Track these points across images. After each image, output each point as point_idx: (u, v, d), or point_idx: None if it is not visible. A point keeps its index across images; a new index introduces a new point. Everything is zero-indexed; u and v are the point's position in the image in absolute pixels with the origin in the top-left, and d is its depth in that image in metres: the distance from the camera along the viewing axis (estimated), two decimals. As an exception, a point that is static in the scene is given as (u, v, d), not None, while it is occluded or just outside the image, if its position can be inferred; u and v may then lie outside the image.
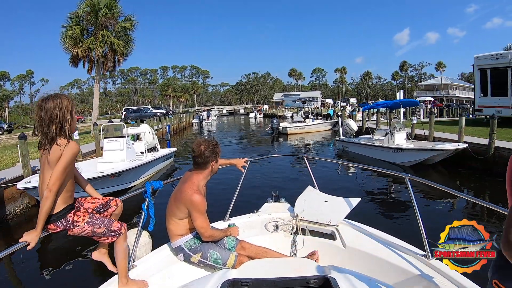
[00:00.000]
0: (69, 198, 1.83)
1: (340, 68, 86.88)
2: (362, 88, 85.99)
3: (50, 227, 1.79)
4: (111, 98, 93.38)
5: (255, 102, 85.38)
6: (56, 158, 1.70)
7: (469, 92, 58.13)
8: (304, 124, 24.02)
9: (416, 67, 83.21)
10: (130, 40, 20.63)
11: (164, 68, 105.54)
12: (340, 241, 2.44)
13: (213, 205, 3.92)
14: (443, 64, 62.33)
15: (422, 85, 64.68)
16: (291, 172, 10.95)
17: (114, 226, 1.93)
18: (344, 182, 9.61)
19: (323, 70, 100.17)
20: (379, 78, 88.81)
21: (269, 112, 55.97)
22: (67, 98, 1.78)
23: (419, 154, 10.23)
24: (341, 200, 2.81)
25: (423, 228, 2.02)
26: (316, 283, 1.41)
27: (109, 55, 19.88)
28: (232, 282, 1.41)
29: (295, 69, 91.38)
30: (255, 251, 2.34)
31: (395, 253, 2.14)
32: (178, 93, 71.04)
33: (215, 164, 2.28)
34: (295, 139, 21.42)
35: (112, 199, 2.09)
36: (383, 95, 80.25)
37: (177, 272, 2.20)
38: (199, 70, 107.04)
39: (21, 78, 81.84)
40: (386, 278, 1.91)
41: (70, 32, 18.74)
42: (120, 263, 1.94)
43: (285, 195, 3.31)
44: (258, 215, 2.91)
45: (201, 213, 2.15)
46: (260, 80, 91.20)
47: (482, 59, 15.36)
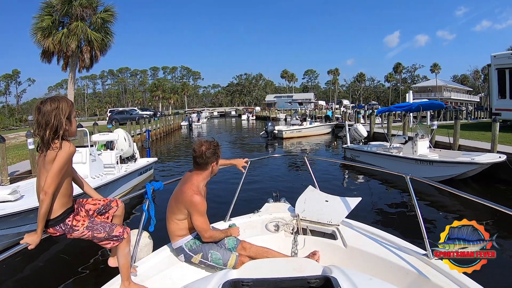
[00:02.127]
0: (67, 202, 1.81)
1: (333, 70, 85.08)
2: (355, 89, 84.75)
3: (50, 231, 1.79)
4: (100, 99, 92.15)
5: (247, 103, 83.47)
6: (50, 161, 1.68)
7: (463, 94, 58.13)
8: (301, 127, 21.96)
9: (409, 69, 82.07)
10: (109, 33, 18.36)
11: (154, 68, 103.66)
12: (341, 240, 2.44)
13: (214, 205, 3.94)
14: (438, 66, 61.81)
15: (416, 87, 63.17)
16: (291, 172, 10.95)
17: (116, 231, 1.92)
18: (345, 182, 9.61)
19: (315, 71, 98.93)
20: (372, 80, 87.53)
21: (262, 114, 54.69)
22: (66, 101, 1.75)
23: (453, 168, 8.22)
24: (341, 200, 2.81)
25: (424, 227, 2.03)
26: (317, 283, 1.41)
27: (85, 49, 17.55)
28: (233, 283, 1.41)
29: (287, 70, 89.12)
30: (256, 251, 2.34)
31: (396, 252, 2.14)
32: (167, 94, 68.36)
33: (216, 166, 2.28)
34: (291, 143, 19.57)
35: (113, 200, 2.08)
36: (375, 97, 79.17)
37: (178, 273, 2.20)
38: (190, 71, 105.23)
39: (7, 78, 79.91)
40: (387, 278, 1.91)
41: (42, 23, 16.59)
42: (123, 267, 1.94)
43: (286, 195, 3.32)
44: (259, 215, 2.92)
45: (201, 214, 2.15)
46: (252, 81, 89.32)
47: (501, 58, 14.27)
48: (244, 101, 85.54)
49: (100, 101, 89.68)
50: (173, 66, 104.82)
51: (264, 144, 19.49)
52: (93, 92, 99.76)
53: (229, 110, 73.85)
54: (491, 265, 1.70)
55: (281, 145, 18.93)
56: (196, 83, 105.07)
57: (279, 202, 3.18)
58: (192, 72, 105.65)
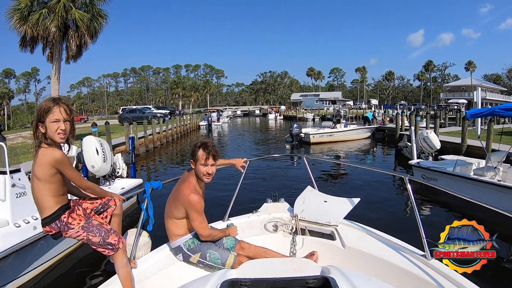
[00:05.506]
0: (62, 199, 1.81)
1: (360, 68, 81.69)
2: (384, 89, 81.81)
3: (46, 229, 1.78)
4: (122, 97, 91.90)
5: (271, 102, 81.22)
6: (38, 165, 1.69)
7: (498, 94, 53.22)
8: (333, 131, 18.18)
9: (440, 68, 77.81)
10: (102, 16, 15.02)
11: (177, 66, 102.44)
12: (339, 241, 2.44)
13: (213, 205, 3.93)
14: (473, 63, 56.32)
15: (449, 86, 59.62)
16: (290, 172, 10.94)
17: (111, 238, 1.88)
18: (344, 182, 9.60)
19: (341, 70, 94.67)
20: (402, 78, 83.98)
21: (288, 113, 50.74)
22: (44, 103, 1.72)
23: None
24: (340, 200, 2.81)
25: (423, 228, 2.03)
26: (315, 283, 1.41)
27: (72, 34, 14.32)
28: (231, 282, 1.40)
29: (313, 68, 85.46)
30: (255, 251, 2.34)
31: (395, 253, 2.14)
32: (188, 92, 65.89)
33: (195, 166, 2.22)
34: (321, 149, 16.22)
35: (111, 199, 2.06)
36: (403, 97, 76.35)
37: (176, 272, 2.20)
38: (213, 69, 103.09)
39: (26, 76, 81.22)
40: (386, 278, 1.91)
41: (19, 4, 13.45)
42: (123, 279, 1.88)
43: (285, 195, 3.32)
44: (258, 215, 2.91)
45: (199, 212, 2.14)
46: (277, 79, 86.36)
47: None
48: (269, 100, 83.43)
49: (121, 99, 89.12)
50: (196, 64, 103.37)
51: (289, 150, 16.39)
52: (115, 90, 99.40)
53: (253, 109, 71.56)
54: (491, 266, 1.70)
55: (307, 151, 15.63)
56: (220, 82, 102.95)
57: (278, 202, 3.18)
58: (215, 70, 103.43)
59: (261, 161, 10.61)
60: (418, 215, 2.08)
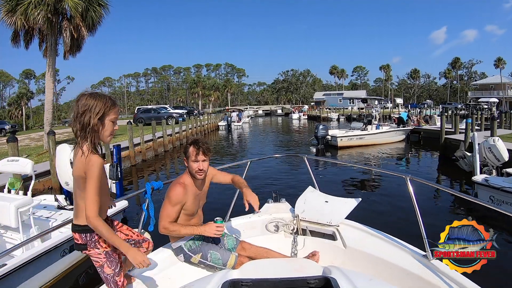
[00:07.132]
0: (102, 214, 1.63)
1: (384, 66, 78.36)
2: (409, 87, 78.79)
3: (75, 235, 1.65)
4: (143, 97, 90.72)
5: (294, 102, 78.63)
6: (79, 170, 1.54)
7: None
8: (364, 133, 16.40)
9: (466, 65, 74.02)
10: (102, 4, 13.44)
11: (197, 66, 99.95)
12: (340, 241, 2.44)
13: (214, 205, 3.94)
14: (503, 60, 53.18)
15: (477, 84, 56.06)
16: (291, 173, 10.94)
17: (119, 278, 1.75)
18: (345, 182, 9.59)
19: (364, 68, 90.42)
20: (428, 76, 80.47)
21: (312, 113, 48.56)
22: (103, 100, 1.56)
23: None
24: (341, 201, 2.81)
25: (424, 228, 2.02)
26: (316, 283, 1.41)
27: (66, 25, 12.73)
28: (232, 283, 1.41)
29: (336, 66, 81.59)
30: (256, 251, 2.34)
31: (396, 253, 2.14)
32: (207, 91, 63.41)
33: (188, 163, 2.22)
34: (350, 154, 14.66)
35: (146, 240, 1.95)
36: (428, 96, 73.43)
37: (177, 273, 2.20)
38: (234, 68, 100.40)
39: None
40: (387, 278, 1.91)
41: None
42: None
43: (286, 196, 3.32)
44: (259, 215, 2.91)
45: (170, 202, 2.13)
46: (299, 77, 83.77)
47: None
48: (291, 99, 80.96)
49: (142, 99, 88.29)
50: (217, 63, 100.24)
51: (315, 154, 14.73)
52: (136, 90, 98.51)
53: (275, 109, 69.89)
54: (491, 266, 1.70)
55: (335, 157, 14.18)
56: (241, 81, 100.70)
57: (279, 203, 3.18)
58: (236, 69, 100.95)
59: (262, 161, 10.61)
60: (420, 215, 2.08)
